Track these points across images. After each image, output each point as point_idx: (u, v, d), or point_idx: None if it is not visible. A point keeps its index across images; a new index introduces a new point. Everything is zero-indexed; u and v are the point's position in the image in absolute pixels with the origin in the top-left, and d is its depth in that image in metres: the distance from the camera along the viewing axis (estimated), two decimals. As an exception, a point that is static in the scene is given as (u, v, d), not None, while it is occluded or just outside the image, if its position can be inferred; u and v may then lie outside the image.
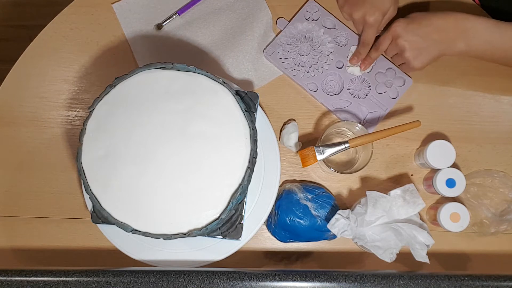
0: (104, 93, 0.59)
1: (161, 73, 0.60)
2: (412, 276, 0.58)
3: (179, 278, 0.58)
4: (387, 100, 0.74)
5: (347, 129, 0.71)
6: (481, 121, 0.74)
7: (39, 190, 0.72)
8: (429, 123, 0.73)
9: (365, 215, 0.62)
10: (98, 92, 0.72)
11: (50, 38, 0.77)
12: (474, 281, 0.58)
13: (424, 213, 0.71)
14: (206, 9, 0.78)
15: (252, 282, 0.58)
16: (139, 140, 0.58)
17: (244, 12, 0.77)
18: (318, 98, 0.74)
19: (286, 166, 0.73)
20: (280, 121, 0.74)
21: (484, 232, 0.68)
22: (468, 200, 0.69)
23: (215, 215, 0.55)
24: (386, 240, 0.62)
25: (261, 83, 0.75)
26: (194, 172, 0.57)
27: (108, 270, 0.59)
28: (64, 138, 0.74)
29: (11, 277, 0.58)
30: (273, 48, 0.76)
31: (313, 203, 0.66)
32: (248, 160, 0.57)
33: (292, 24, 0.76)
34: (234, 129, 0.58)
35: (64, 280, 0.58)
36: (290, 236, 0.67)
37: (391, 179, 0.72)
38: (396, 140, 0.73)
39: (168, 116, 0.58)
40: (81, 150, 0.58)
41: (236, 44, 0.75)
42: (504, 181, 0.69)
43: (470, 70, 0.75)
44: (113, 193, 0.56)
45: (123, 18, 0.77)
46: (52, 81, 0.76)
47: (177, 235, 0.55)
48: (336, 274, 0.59)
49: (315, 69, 0.75)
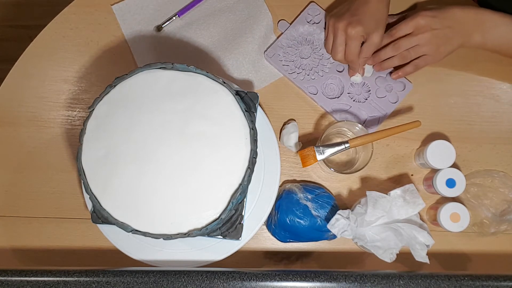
0: (104, 93, 0.59)
1: (161, 73, 0.60)
2: (412, 276, 0.58)
3: (179, 278, 0.58)
4: (387, 105, 0.73)
5: (347, 129, 0.71)
6: (481, 121, 0.74)
7: (39, 190, 0.72)
8: (429, 123, 0.73)
9: (365, 215, 0.62)
10: (98, 92, 0.72)
11: (50, 38, 0.77)
12: (474, 281, 0.58)
13: (424, 213, 0.71)
14: (206, 10, 0.78)
15: (252, 282, 0.58)
16: (139, 140, 0.58)
17: (244, 14, 0.77)
18: (318, 101, 0.74)
19: (286, 166, 0.73)
20: (280, 121, 0.74)
21: (484, 232, 0.68)
22: (468, 200, 0.69)
23: (215, 215, 0.55)
24: (386, 240, 0.62)
25: (261, 84, 0.75)
26: (194, 172, 0.57)
27: (108, 270, 0.59)
28: (64, 138, 0.74)
29: (11, 277, 0.58)
30: (274, 50, 0.76)
31: (313, 203, 0.66)
32: (248, 160, 0.57)
33: (293, 27, 0.76)
34: (234, 129, 0.58)
35: (64, 280, 0.58)
36: (290, 236, 0.67)
37: (391, 179, 0.72)
38: (396, 140, 0.73)
39: (168, 116, 0.58)
40: (81, 150, 0.58)
41: (237, 45, 0.75)
42: (504, 181, 0.69)
43: (470, 70, 0.75)
44: (113, 193, 0.56)
45: (122, 19, 0.77)
46: (52, 81, 0.76)
47: (177, 235, 0.55)
48: (336, 274, 0.59)
49: (316, 72, 0.75)
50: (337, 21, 0.69)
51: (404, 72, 0.71)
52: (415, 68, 0.70)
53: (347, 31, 0.67)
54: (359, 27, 0.66)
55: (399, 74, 0.72)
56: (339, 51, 0.69)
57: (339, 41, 0.69)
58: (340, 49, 0.69)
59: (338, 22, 0.68)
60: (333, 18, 0.70)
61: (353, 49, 0.68)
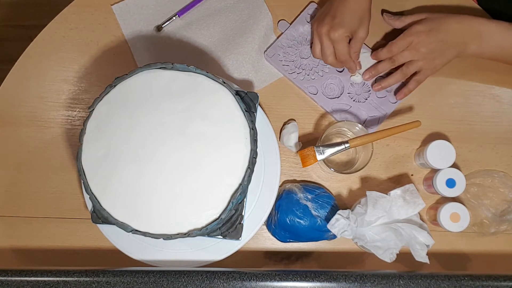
0: (104, 93, 0.59)
1: (161, 73, 0.60)
2: (412, 276, 0.58)
3: (179, 278, 0.58)
4: (387, 105, 0.73)
5: (347, 129, 0.71)
6: (481, 121, 0.74)
7: (39, 190, 0.72)
8: (429, 123, 0.73)
9: (365, 215, 0.62)
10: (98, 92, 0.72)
11: (50, 38, 0.77)
12: (474, 281, 0.58)
13: (424, 213, 0.71)
14: (206, 10, 0.78)
15: (252, 282, 0.58)
16: (139, 140, 0.58)
17: (244, 14, 0.77)
18: (318, 101, 0.74)
19: (286, 166, 0.73)
20: (280, 121, 0.74)
21: (484, 232, 0.68)
22: (468, 200, 0.69)
23: (215, 215, 0.55)
24: (386, 240, 0.62)
25: (261, 84, 0.75)
26: (194, 172, 0.57)
27: (108, 270, 0.59)
28: (64, 138, 0.74)
29: (11, 277, 0.58)
30: (274, 50, 0.76)
31: (313, 203, 0.66)
32: (248, 160, 0.57)
33: (294, 27, 0.76)
34: (234, 129, 0.58)
35: (64, 280, 0.58)
36: (290, 236, 0.67)
37: (391, 179, 0.72)
38: (396, 140, 0.73)
39: (168, 116, 0.58)
40: (81, 150, 0.58)
41: (236, 45, 0.75)
42: (504, 181, 0.69)
43: (470, 70, 0.75)
44: (113, 193, 0.56)
45: (122, 19, 0.77)
46: (52, 81, 0.76)
47: (177, 235, 0.55)
48: (336, 274, 0.59)
49: (316, 72, 0.75)
50: (319, 26, 0.69)
51: (408, 90, 0.72)
52: (417, 84, 0.71)
53: (330, 36, 0.68)
54: (341, 29, 0.67)
55: (405, 92, 0.72)
56: (328, 54, 0.70)
57: (325, 45, 0.69)
58: (329, 53, 0.70)
59: (320, 27, 0.69)
60: (315, 23, 0.71)
61: (341, 51, 0.69)
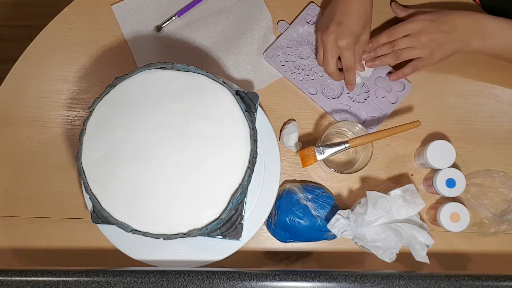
0: (104, 93, 0.59)
1: (161, 73, 0.60)
2: (412, 276, 0.58)
3: (179, 278, 0.58)
4: (387, 105, 0.73)
5: (347, 129, 0.71)
6: (481, 121, 0.74)
7: (39, 190, 0.72)
8: (429, 123, 0.73)
9: (365, 215, 0.62)
10: (98, 92, 0.72)
11: (50, 38, 0.77)
12: (474, 281, 0.58)
13: (424, 213, 0.71)
14: (205, 10, 0.78)
15: (252, 282, 0.58)
16: (139, 140, 0.58)
17: (244, 14, 0.77)
18: (318, 101, 0.74)
19: (286, 166, 0.73)
20: (280, 121, 0.74)
21: (484, 232, 0.68)
22: (468, 200, 0.69)
23: (215, 215, 0.55)
24: (386, 240, 0.62)
25: (261, 85, 0.75)
26: (194, 172, 0.57)
27: (108, 270, 0.59)
28: (64, 138, 0.74)
29: (11, 277, 0.59)
30: (273, 51, 0.75)
31: (313, 203, 0.66)
32: (248, 160, 0.57)
33: (293, 27, 0.76)
34: (234, 129, 0.58)
35: (64, 280, 0.58)
36: (290, 236, 0.67)
37: (391, 179, 0.72)
38: (396, 140, 0.73)
39: (168, 116, 0.58)
40: (81, 150, 0.58)
41: (236, 46, 0.75)
42: (504, 181, 0.69)
43: (470, 70, 0.75)
44: (113, 193, 0.56)
45: (122, 19, 0.77)
46: (52, 81, 0.76)
47: (177, 235, 0.55)
48: (336, 274, 0.59)
49: (315, 72, 0.75)
50: (325, 34, 0.69)
51: (403, 73, 0.71)
52: (413, 69, 0.71)
53: (338, 45, 0.68)
54: (349, 37, 0.67)
55: (399, 74, 0.72)
56: (331, 64, 0.70)
57: (330, 54, 0.69)
58: (331, 62, 0.70)
59: (326, 36, 0.68)
60: (320, 32, 0.70)
61: (350, 58, 0.69)
